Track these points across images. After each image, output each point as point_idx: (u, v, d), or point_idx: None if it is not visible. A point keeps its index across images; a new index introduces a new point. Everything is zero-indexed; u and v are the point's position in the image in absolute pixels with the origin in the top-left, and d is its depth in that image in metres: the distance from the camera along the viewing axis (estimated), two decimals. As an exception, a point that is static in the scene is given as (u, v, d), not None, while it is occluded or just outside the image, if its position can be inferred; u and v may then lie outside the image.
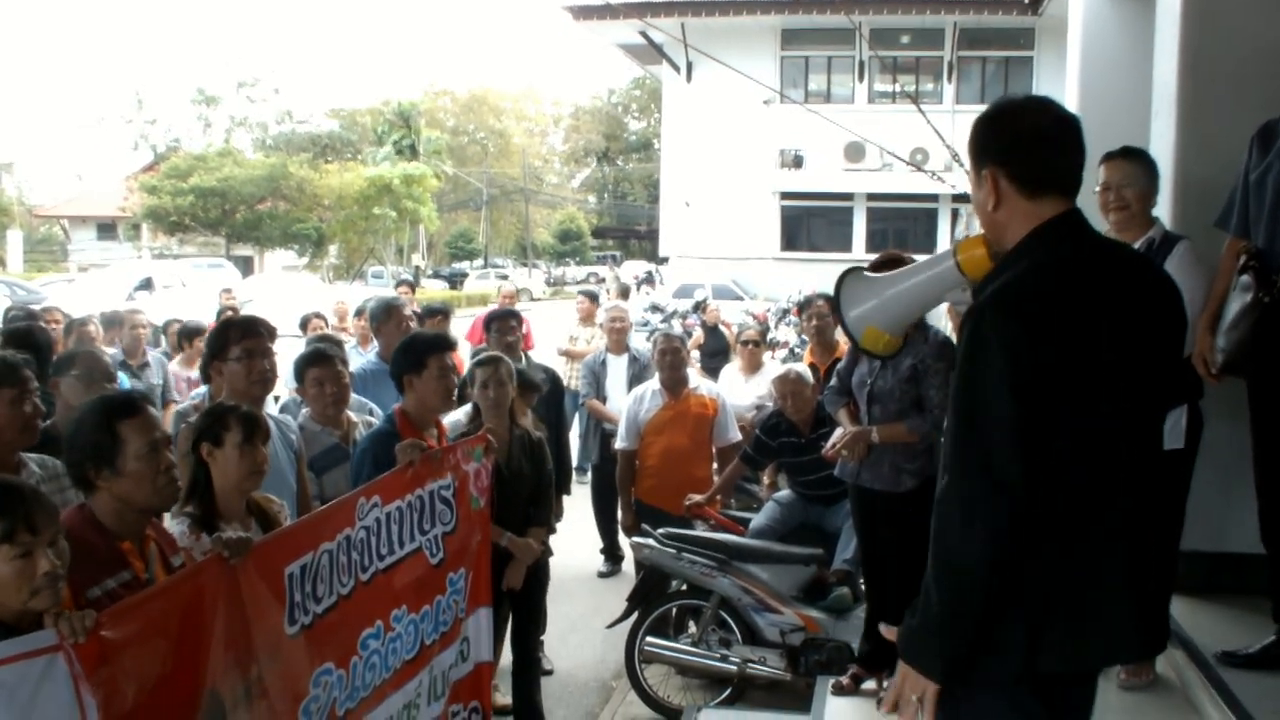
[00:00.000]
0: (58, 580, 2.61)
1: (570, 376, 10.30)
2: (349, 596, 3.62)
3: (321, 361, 5.08)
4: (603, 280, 18.65)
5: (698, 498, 6.73)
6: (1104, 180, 4.49)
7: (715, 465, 7.53)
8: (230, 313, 10.72)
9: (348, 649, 3.62)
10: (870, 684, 5.40)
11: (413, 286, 14.48)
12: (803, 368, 6.87)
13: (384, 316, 6.91)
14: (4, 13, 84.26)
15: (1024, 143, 2.54)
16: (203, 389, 5.13)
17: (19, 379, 3.72)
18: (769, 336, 10.62)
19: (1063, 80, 7.86)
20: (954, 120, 24.54)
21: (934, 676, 2.45)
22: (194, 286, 23.45)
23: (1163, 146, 5.19)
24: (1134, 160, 4.51)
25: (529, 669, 5.63)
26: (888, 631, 2.62)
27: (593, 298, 11.87)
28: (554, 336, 11.93)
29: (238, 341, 4.49)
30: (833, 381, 5.49)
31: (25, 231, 50.75)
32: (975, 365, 2.39)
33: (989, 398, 2.35)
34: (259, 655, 3.12)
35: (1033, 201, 2.53)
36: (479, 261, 61.50)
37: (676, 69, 30.18)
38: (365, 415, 5.39)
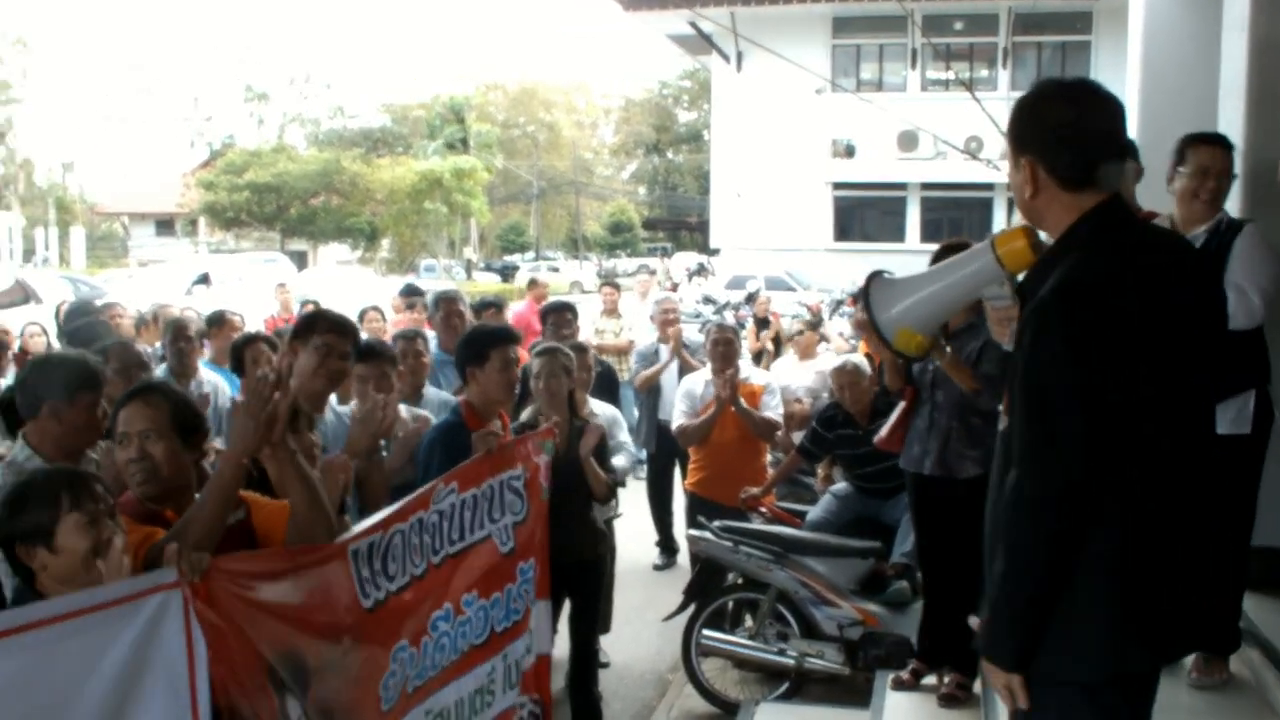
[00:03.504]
0: (121, 540, 2.79)
1: (621, 369, 10.29)
2: (422, 577, 3.69)
3: (370, 358, 5.07)
4: (654, 272, 18.62)
5: (754, 490, 6.69)
6: (1199, 165, 4.35)
7: (769, 458, 7.48)
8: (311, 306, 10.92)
9: (420, 628, 3.71)
10: (931, 679, 5.34)
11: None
12: (859, 359, 6.80)
13: (439, 308, 6.98)
14: (63, 14, 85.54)
15: (1063, 138, 2.48)
16: None
17: (99, 384, 3.80)
18: (822, 329, 10.52)
19: (1121, 65, 7.73)
20: (1009, 107, 24.26)
21: (1007, 666, 2.44)
22: (250, 281, 23.63)
23: (1231, 131, 5.06)
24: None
25: (586, 661, 5.62)
26: (976, 624, 2.62)
27: (616, 288, 11.86)
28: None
29: (323, 333, 4.48)
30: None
31: (87, 229, 51.49)
32: (1042, 360, 2.36)
33: (1058, 392, 2.32)
34: (344, 626, 3.23)
35: (1072, 193, 2.49)
36: (530, 254, 61.64)
37: (726, 59, 30.02)
38: (416, 410, 5.38)
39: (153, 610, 2.57)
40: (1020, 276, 2.85)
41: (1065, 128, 2.47)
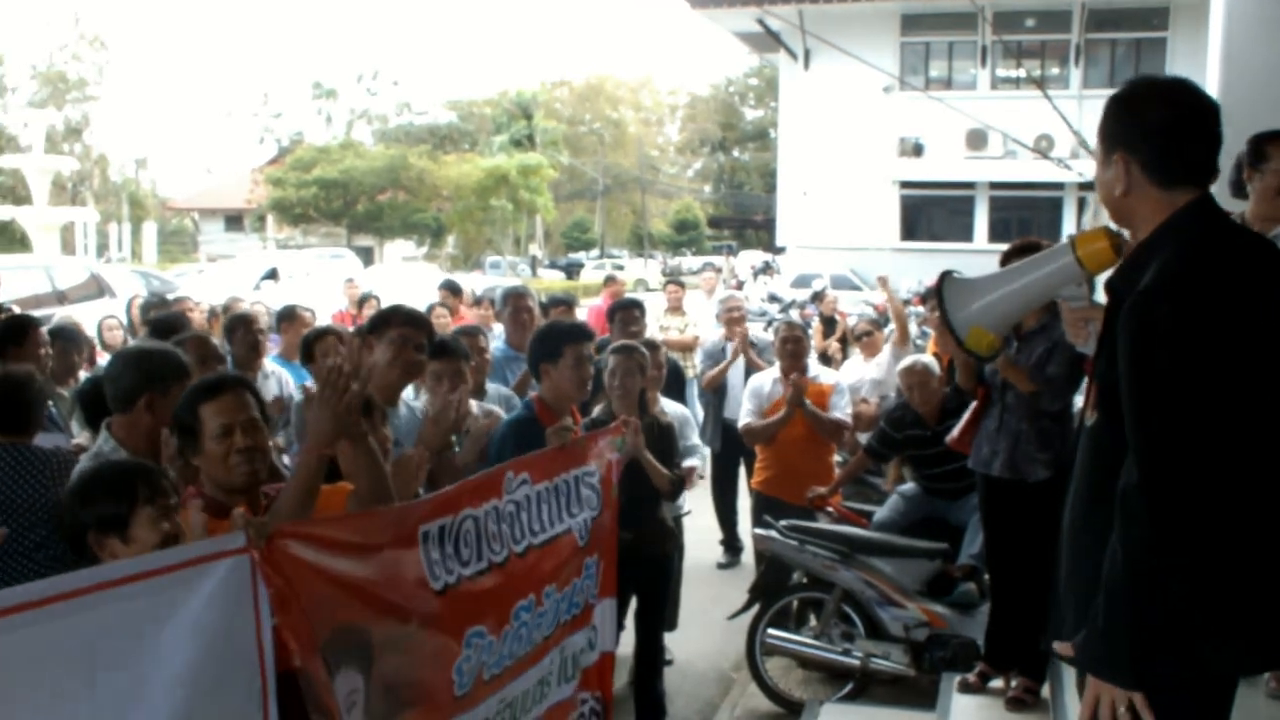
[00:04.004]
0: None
1: (685, 366, 10.28)
2: (502, 565, 3.72)
3: (444, 355, 5.10)
4: (719, 269, 18.61)
5: (821, 490, 6.67)
6: None
7: (837, 457, 7.44)
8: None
9: (501, 616, 3.72)
10: (998, 683, 5.29)
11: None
12: (929, 359, 6.75)
13: (503, 305, 7.03)
14: (139, 14, 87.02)
15: (1159, 133, 2.45)
16: None
17: (189, 376, 3.87)
18: (888, 328, 10.45)
19: (1199, 62, 7.60)
20: (1081, 106, 23.93)
21: (1126, 683, 2.35)
22: (317, 276, 23.89)
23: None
24: None
25: (652, 658, 5.62)
26: (1063, 648, 2.54)
27: (680, 285, 11.82)
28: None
29: (398, 326, 4.53)
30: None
31: (159, 224, 52.39)
32: (1148, 355, 2.31)
33: (1167, 387, 2.27)
34: (411, 606, 3.25)
35: (1166, 190, 2.46)
36: (594, 251, 61.81)
37: (794, 56, 29.90)
38: (487, 405, 5.42)
39: (222, 575, 2.61)
40: (1101, 277, 2.81)
41: (1160, 121, 2.45)
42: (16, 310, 7.68)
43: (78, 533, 2.86)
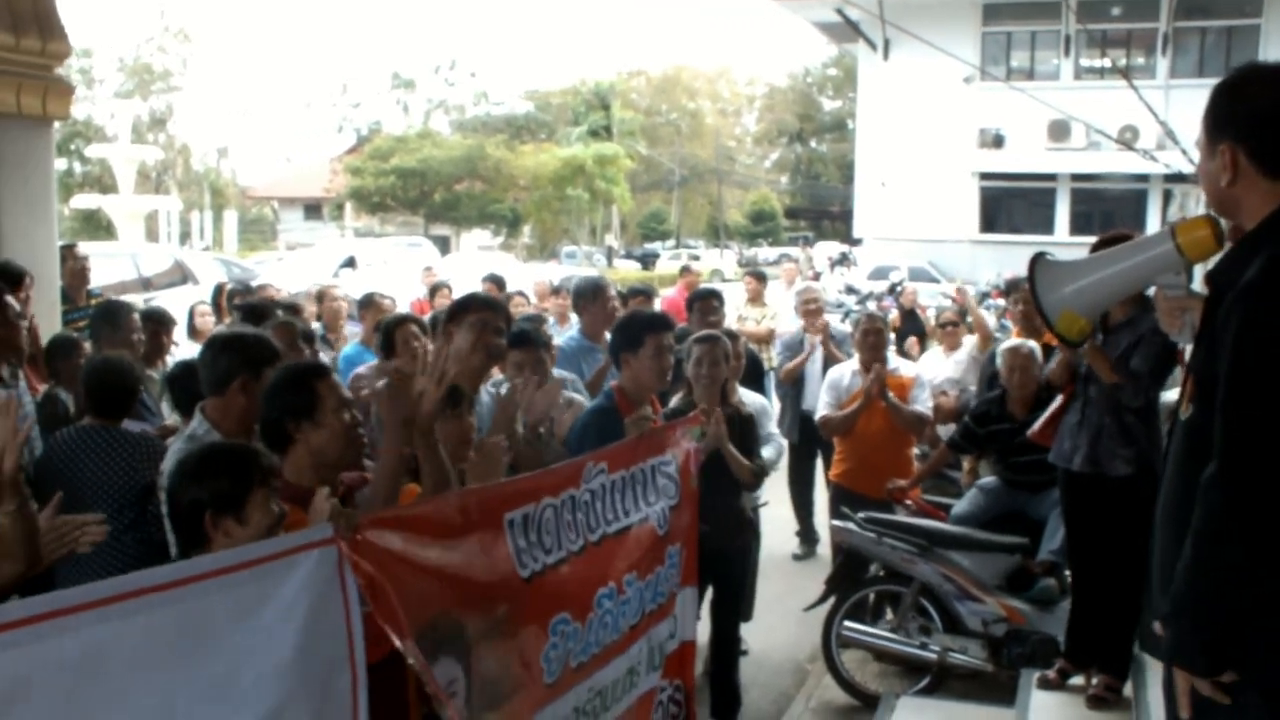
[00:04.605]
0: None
1: (763, 357, 10.26)
2: (579, 554, 3.74)
3: (525, 344, 5.16)
4: (795, 261, 18.53)
5: (901, 482, 6.63)
6: None
7: (915, 450, 7.39)
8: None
9: (584, 604, 3.76)
10: (1078, 679, 5.24)
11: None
12: (1034, 344, 6.60)
13: (591, 296, 7.02)
14: (218, 4, 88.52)
15: (1269, 122, 2.40)
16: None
17: (279, 360, 3.94)
18: (967, 320, 10.34)
19: (1294, 51, 7.42)
20: (1168, 96, 23.51)
21: (1197, 669, 2.35)
22: (395, 265, 24.10)
23: None
24: None
25: (728, 648, 5.63)
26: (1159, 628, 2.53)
27: (760, 277, 11.76)
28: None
29: (476, 311, 4.60)
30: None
31: (239, 212, 53.28)
32: (1254, 346, 2.28)
33: (1261, 387, 2.24)
34: (501, 595, 3.28)
35: (1274, 181, 2.41)
36: (670, 242, 61.77)
37: (874, 46, 29.68)
38: (572, 395, 5.46)
39: (310, 566, 2.64)
40: (1204, 266, 2.77)
41: (1271, 112, 2.40)
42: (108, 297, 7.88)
43: (191, 512, 2.88)
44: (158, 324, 6.38)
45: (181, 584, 2.40)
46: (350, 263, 24.99)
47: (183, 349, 7.47)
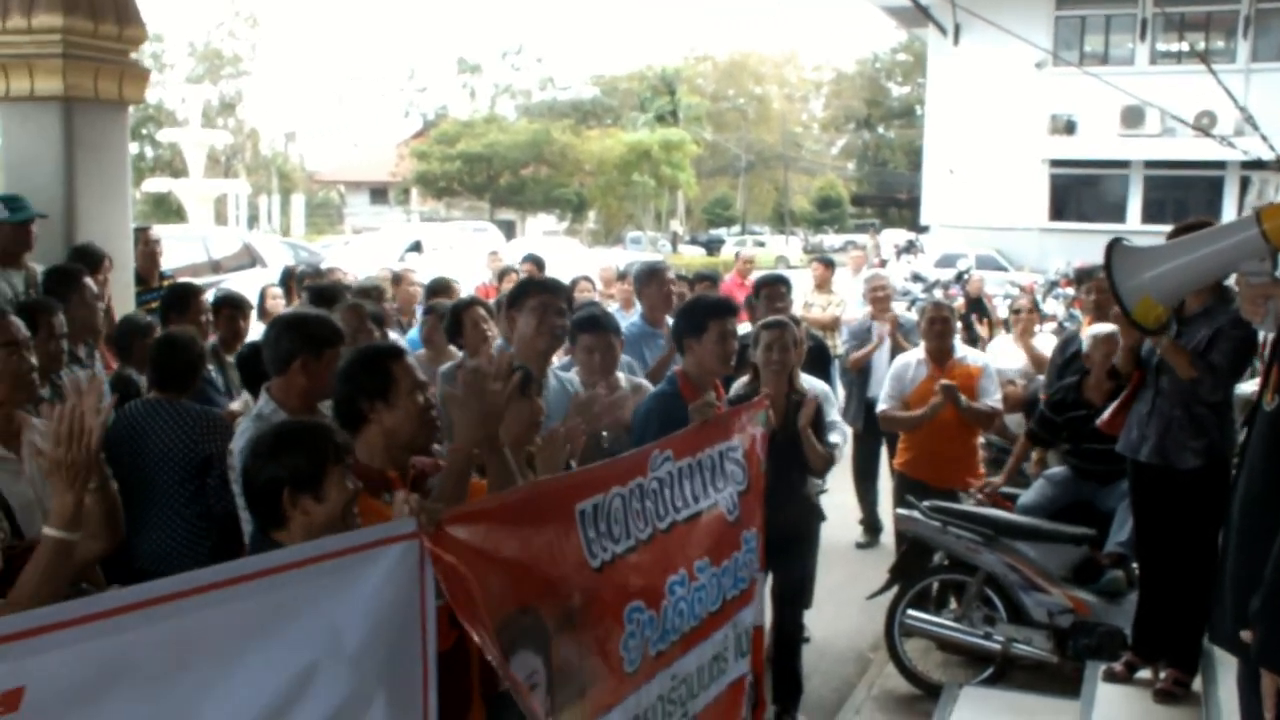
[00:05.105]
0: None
1: (829, 343, 10.21)
2: (648, 542, 3.74)
3: (595, 328, 5.17)
4: (862, 248, 18.37)
5: (995, 480, 6.60)
6: None
7: (981, 439, 7.31)
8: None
9: (656, 592, 3.75)
10: (1145, 673, 5.19)
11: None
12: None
13: (646, 280, 7.03)
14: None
15: None
16: None
17: (342, 341, 4.02)
18: (1039, 308, 10.23)
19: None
20: (1248, 80, 23.05)
21: None
22: (460, 249, 24.23)
23: None
24: None
25: (792, 635, 5.64)
26: (1246, 636, 2.47)
27: (828, 264, 11.65)
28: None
29: (536, 294, 4.64)
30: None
31: (306, 196, 53.91)
32: None
33: None
34: (574, 585, 3.30)
35: None
36: (736, 228, 61.57)
37: (943, 31, 29.35)
38: (636, 380, 5.47)
39: (394, 559, 2.67)
40: None
41: None
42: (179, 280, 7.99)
43: (268, 490, 2.89)
44: (234, 309, 6.44)
45: (268, 574, 2.43)
46: (416, 247, 25.14)
47: (254, 331, 7.56)
